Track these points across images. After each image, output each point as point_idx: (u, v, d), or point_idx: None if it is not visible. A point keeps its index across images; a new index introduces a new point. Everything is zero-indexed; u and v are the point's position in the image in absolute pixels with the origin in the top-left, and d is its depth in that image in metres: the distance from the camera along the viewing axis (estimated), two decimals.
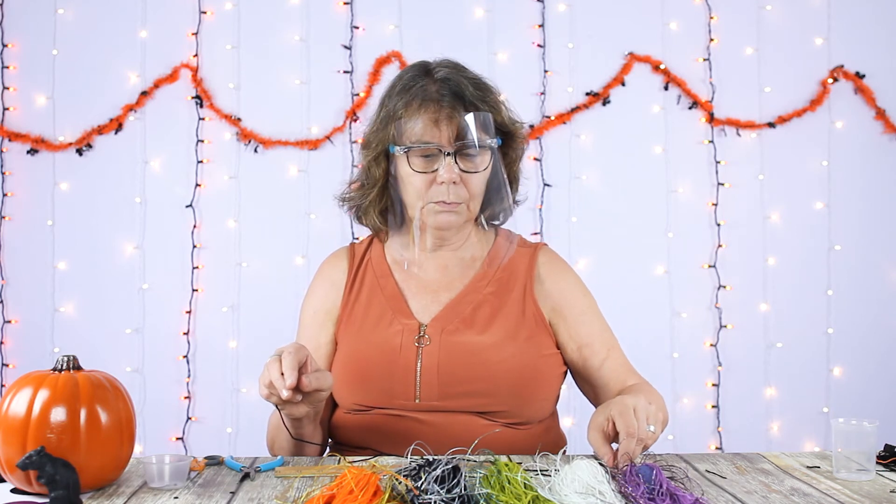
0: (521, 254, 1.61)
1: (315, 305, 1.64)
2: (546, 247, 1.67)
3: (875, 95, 3.38)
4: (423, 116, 1.48)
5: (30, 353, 3.31)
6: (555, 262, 1.64)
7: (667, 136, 3.39)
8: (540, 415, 1.55)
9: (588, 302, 1.62)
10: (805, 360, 3.38)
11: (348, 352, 1.57)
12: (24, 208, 3.34)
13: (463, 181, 1.48)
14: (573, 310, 1.59)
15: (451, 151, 1.47)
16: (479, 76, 1.57)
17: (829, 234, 3.40)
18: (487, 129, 1.49)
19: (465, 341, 1.50)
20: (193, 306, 3.32)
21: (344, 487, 1.08)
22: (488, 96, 1.54)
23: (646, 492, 1.12)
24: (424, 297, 1.57)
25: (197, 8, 3.35)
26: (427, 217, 1.51)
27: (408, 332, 1.53)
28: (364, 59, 3.35)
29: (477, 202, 1.53)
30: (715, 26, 3.40)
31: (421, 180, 1.49)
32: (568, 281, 1.62)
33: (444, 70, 1.53)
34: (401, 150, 1.49)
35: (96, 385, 1.19)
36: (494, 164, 1.53)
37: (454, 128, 1.47)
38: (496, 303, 1.55)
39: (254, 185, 3.34)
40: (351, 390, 1.53)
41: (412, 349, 1.51)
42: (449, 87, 1.50)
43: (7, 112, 3.33)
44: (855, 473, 1.26)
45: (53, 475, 1.09)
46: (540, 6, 3.39)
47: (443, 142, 1.47)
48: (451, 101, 1.48)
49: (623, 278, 3.35)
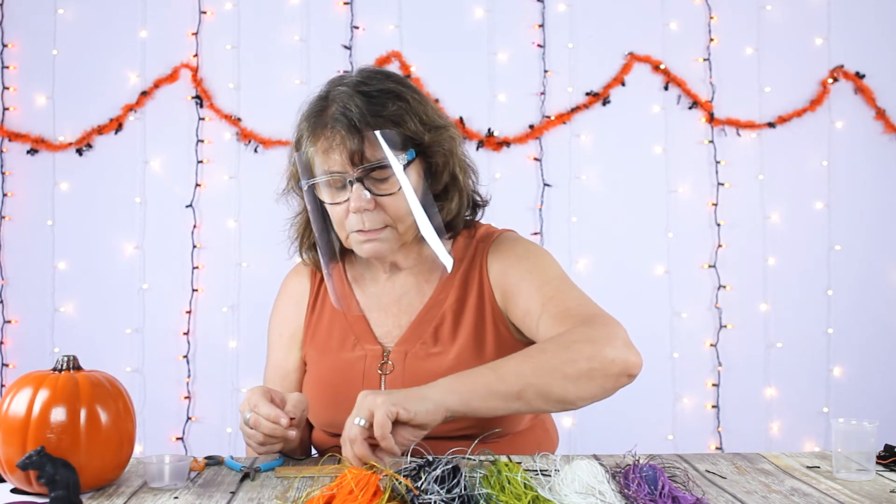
0: (479, 249, 1.51)
1: (280, 328, 1.61)
2: (504, 234, 1.54)
3: (875, 95, 3.38)
4: (318, 145, 1.38)
5: (30, 353, 3.31)
6: (502, 243, 1.51)
7: (667, 136, 3.39)
8: (520, 423, 1.49)
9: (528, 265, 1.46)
10: (805, 360, 3.38)
11: (316, 373, 1.54)
12: (24, 208, 3.34)
13: (379, 205, 1.37)
14: (512, 281, 1.45)
15: (354, 178, 1.36)
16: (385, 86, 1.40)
17: (829, 234, 3.40)
18: (393, 144, 1.36)
19: (428, 367, 1.44)
20: (193, 306, 3.32)
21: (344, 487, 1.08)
22: (386, 109, 1.38)
23: (647, 493, 1.12)
24: (386, 321, 1.51)
25: (197, 8, 3.35)
26: (355, 247, 1.42)
27: (371, 359, 1.48)
28: (364, 60, 3.35)
29: (405, 223, 1.40)
30: (715, 26, 3.40)
31: (337, 211, 1.40)
32: (509, 256, 1.48)
33: (340, 89, 1.40)
34: (306, 184, 1.41)
35: (96, 385, 1.19)
36: (412, 178, 1.39)
37: (349, 153, 1.35)
38: (459, 310, 1.47)
39: (254, 185, 3.34)
40: (320, 413, 1.51)
41: (375, 377, 1.47)
42: (339, 109, 1.37)
43: (7, 112, 3.33)
44: (855, 473, 1.26)
45: (53, 475, 1.09)
46: (540, 6, 3.38)
47: (345, 169, 1.36)
48: (343, 125, 1.35)
49: (623, 278, 3.35)
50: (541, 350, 1.28)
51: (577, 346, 1.27)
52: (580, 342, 1.28)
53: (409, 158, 1.39)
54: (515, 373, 1.25)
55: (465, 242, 1.53)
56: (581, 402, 1.29)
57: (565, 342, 1.28)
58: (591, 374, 1.26)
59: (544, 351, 1.28)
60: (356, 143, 1.35)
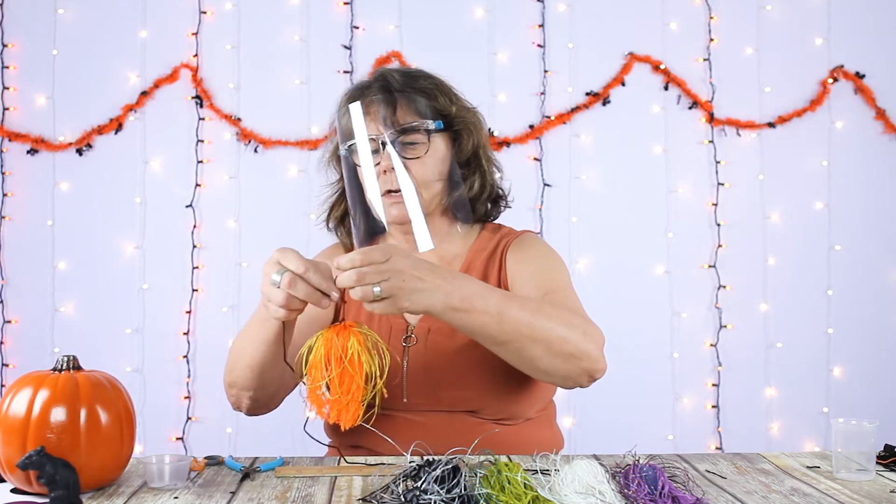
0: (502, 244, 1.60)
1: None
2: (529, 232, 1.65)
3: (875, 95, 3.38)
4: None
5: (30, 353, 3.31)
6: (525, 241, 1.61)
7: (667, 136, 3.39)
8: (530, 410, 1.54)
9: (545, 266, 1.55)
10: (805, 360, 3.38)
11: None
12: (24, 208, 3.34)
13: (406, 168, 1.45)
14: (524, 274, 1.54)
15: (385, 140, 1.47)
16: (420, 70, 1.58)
17: (829, 234, 3.40)
18: (422, 112, 1.50)
19: (451, 341, 1.50)
20: (193, 306, 3.32)
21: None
22: (419, 82, 1.54)
23: (647, 493, 1.12)
24: None
25: (197, 8, 3.35)
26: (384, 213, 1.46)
27: (396, 331, 1.54)
28: (364, 59, 3.35)
29: (430, 190, 1.52)
30: (715, 26, 3.40)
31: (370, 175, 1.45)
32: (527, 251, 1.58)
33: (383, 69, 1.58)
34: (344, 149, 1.49)
35: (96, 385, 1.19)
36: (439, 148, 1.53)
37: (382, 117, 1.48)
38: None
39: (254, 185, 3.34)
40: None
41: (399, 349, 1.52)
42: (378, 80, 1.54)
43: (7, 112, 3.33)
44: (855, 473, 1.26)
45: (53, 475, 1.09)
46: (540, 6, 3.39)
47: (378, 132, 1.48)
48: (377, 92, 1.51)
49: (623, 278, 3.35)
50: (547, 315, 1.33)
51: (573, 331, 1.33)
52: (577, 329, 1.34)
53: (436, 127, 1.52)
54: (516, 321, 1.29)
55: (490, 236, 1.62)
56: (542, 376, 1.37)
57: (567, 321, 1.34)
58: (570, 359, 1.33)
59: (550, 317, 1.32)
60: (389, 108, 1.48)
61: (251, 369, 1.46)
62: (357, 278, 1.19)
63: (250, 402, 1.52)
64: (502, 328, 1.28)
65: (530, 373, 1.37)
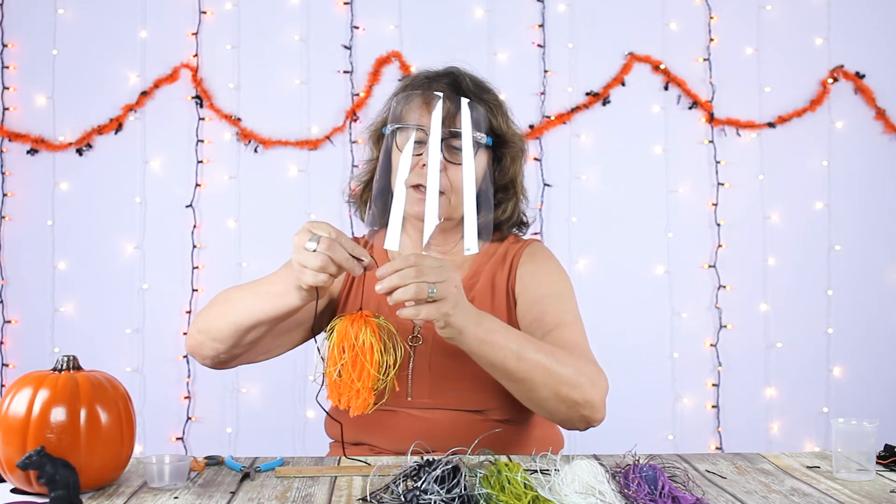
0: (511, 251, 1.61)
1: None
2: (538, 242, 1.67)
3: (875, 95, 3.38)
4: (415, 99, 1.50)
5: (30, 353, 3.31)
6: (537, 252, 1.63)
7: (667, 136, 3.39)
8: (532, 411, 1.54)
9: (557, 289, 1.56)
10: (805, 360, 3.38)
11: None
12: (24, 208, 3.33)
13: (444, 171, 1.47)
14: (537, 291, 1.55)
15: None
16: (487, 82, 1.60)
17: (829, 234, 3.40)
18: (478, 124, 1.48)
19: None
20: (193, 306, 3.32)
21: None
22: (486, 95, 1.57)
23: (647, 493, 1.12)
24: None
25: (197, 8, 3.35)
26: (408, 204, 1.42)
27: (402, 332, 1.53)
28: (364, 59, 3.35)
29: (458, 195, 1.48)
30: (715, 26, 3.40)
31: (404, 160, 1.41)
32: (540, 266, 1.59)
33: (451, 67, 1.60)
34: (389, 129, 1.48)
35: (96, 385, 1.19)
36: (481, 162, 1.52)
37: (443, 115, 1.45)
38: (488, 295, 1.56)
39: (254, 185, 3.34)
40: None
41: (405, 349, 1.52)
42: (448, 77, 1.56)
43: (7, 112, 3.33)
44: (855, 473, 1.26)
45: (53, 475, 1.09)
46: (540, 6, 3.38)
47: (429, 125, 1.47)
48: (446, 88, 1.51)
49: (623, 278, 3.35)
50: (561, 361, 1.35)
51: (583, 380, 1.36)
52: (587, 379, 1.36)
53: (486, 142, 1.52)
54: (533, 362, 1.32)
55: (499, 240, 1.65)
56: (542, 413, 1.40)
57: (579, 369, 1.37)
58: (574, 406, 1.36)
59: (563, 364, 1.35)
60: (453, 108, 1.47)
61: (236, 327, 1.44)
62: (416, 274, 1.20)
63: (214, 353, 1.49)
64: (519, 366, 1.31)
65: (532, 408, 1.41)
